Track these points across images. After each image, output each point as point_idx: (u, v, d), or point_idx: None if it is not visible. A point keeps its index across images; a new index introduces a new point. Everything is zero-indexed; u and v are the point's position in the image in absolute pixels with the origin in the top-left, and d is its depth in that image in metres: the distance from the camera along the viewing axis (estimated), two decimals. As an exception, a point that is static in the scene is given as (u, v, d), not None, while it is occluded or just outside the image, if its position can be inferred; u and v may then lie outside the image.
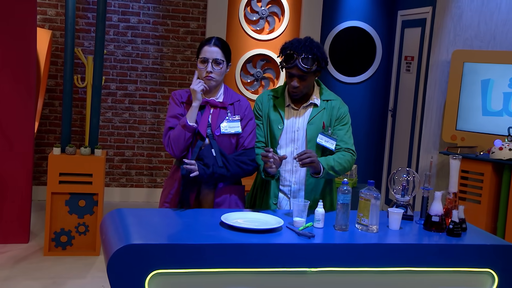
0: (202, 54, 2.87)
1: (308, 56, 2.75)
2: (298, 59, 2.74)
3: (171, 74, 6.03)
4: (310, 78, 2.81)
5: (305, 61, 2.74)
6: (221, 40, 2.93)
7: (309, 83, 2.82)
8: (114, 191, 6.03)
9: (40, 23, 5.67)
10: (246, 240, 2.26)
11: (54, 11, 5.74)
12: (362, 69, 6.45)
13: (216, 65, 2.86)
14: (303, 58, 2.74)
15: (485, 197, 4.73)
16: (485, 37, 5.26)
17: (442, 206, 2.58)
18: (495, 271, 2.46)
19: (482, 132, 5.06)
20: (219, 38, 2.94)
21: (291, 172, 2.89)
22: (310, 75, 2.79)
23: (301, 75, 2.77)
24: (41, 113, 5.58)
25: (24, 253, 4.42)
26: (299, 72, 2.76)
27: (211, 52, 2.85)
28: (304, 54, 2.74)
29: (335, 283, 2.34)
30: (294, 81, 2.79)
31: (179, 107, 2.90)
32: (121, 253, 2.10)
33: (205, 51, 2.86)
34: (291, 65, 2.76)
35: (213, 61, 2.85)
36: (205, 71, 2.85)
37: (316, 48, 2.78)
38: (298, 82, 2.78)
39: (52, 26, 5.73)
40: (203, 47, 2.88)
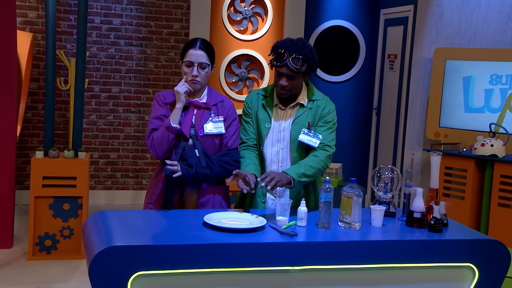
0: (187, 57, 2.86)
1: (299, 57, 2.75)
2: (289, 59, 2.74)
3: (155, 75, 6.02)
4: (299, 79, 2.81)
5: (295, 61, 2.75)
6: (205, 43, 2.92)
7: (298, 83, 2.82)
8: (100, 194, 6.00)
9: (21, 25, 5.63)
10: (229, 240, 2.27)
11: (35, 14, 5.70)
12: (346, 68, 6.48)
13: (202, 69, 2.87)
14: (293, 58, 2.74)
15: (469, 193, 4.78)
16: (466, 35, 5.31)
17: (423, 202, 2.60)
18: (475, 266, 2.49)
19: (464, 128, 5.10)
20: (203, 41, 2.93)
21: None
22: (299, 75, 2.79)
23: (290, 75, 2.77)
24: (23, 117, 5.54)
25: (8, 258, 4.38)
26: (289, 71, 2.76)
27: (197, 56, 2.85)
28: (295, 54, 2.75)
29: (318, 281, 2.35)
30: (283, 80, 2.78)
31: (162, 108, 2.90)
32: (103, 255, 2.09)
33: (190, 55, 2.86)
34: (281, 63, 2.76)
35: (199, 64, 2.85)
36: (191, 75, 2.85)
37: (307, 49, 2.79)
38: (287, 81, 2.78)
39: (33, 28, 5.70)
40: (188, 50, 2.88)
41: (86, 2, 4.48)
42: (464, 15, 5.31)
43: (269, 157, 2.89)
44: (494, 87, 4.99)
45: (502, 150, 4.65)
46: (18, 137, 4.90)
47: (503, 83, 4.95)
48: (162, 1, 5.95)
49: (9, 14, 4.44)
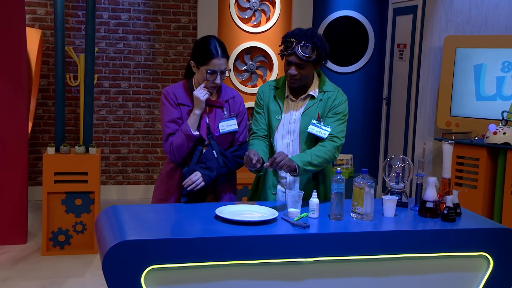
0: (211, 66, 2.78)
1: (307, 45, 2.72)
2: (297, 47, 2.72)
3: (164, 70, 6.02)
4: (309, 68, 2.77)
5: (303, 49, 2.72)
6: (224, 49, 2.84)
7: (308, 73, 2.79)
8: (111, 189, 6.03)
9: (30, 22, 5.64)
10: (241, 232, 2.26)
11: (44, 10, 5.71)
12: (355, 58, 6.44)
13: (223, 75, 2.85)
14: (302, 46, 2.72)
15: (481, 181, 4.75)
16: (477, 22, 5.26)
17: (436, 192, 2.59)
18: (490, 255, 2.47)
19: (476, 117, 5.07)
20: (222, 46, 2.84)
21: None
22: (309, 65, 2.76)
23: (299, 63, 2.74)
24: (34, 113, 5.57)
25: (22, 254, 4.42)
26: (297, 59, 2.73)
27: (220, 65, 2.80)
28: (304, 42, 2.72)
29: (331, 272, 2.35)
30: (292, 68, 2.76)
31: (175, 110, 2.87)
32: (116, 250, 2.10)
33: (215, 65, 2.78)
34: (289, 52, 2.75)
35: (221, 72, 2.82)
36: (214, 82, 2.82)
37: (317, 38, 2.75)
38: (296, 70, 2.75)
39: (42, 25, 5.71)
40: (211, 60, 2.78)
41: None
42: (475, 2, 5.25)
43: (279, 149, 2.88)
44: (506, 74, 4.95)
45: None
46: (29, 134, 4.93)
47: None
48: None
49: (18, 11, 4.45)
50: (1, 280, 3.93)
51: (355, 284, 2.38)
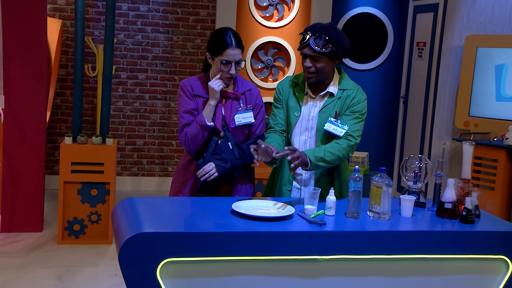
0: (225, 56, 2.79)
1: (322, 36, 2.69)
2: (311, 39, 2.70)
3: (181, 62, 6.02)
4: (324, 61, 2.73)
5: (317, 41, 2.69)
6: (239, 40, 2.84)
7: (323, 67, 2.74)
8: (126, 180, 6.05)
9: (50, 12, 5.67)
10: (257, 228, 2.25)
11: (64, 0, 5.74)
12: (373, 55, 6.40)
13: (238, 66, 2.84)
14: (316, 38, 2.70)
15: (499, 183, 4.70)
16: (500, 21, 5.19)
17: (454, 193, 2.55)
18: (509, 258, 2.44)
19: (496, 118, 5.01)
20: (236, 37, 2.84)
21: None
22: (323, 57, 2.72)
23: (313, 56, 2.71)
24: (52, 103, 5.61)
25: (38, 242, 4.46)
26: (311, 51, 2.71)
27: (234, 55, 2.80)
28: (318, 34, 2.70)
29: (346, 271, 2.33)
30: (306, 61, 2.74)
31: (191, 101, 2.87)
32: (133, 242, 2.10)
33: (229, 55, 2.79)
34: (304, 44, 2.73)
35: (236, 63, 2.82)
36: (228, 73, 2.81)
37: (333, 31, 2.71)
38: (311, 62, 2.72)
39: (62, 15, 5.74)
40: (226, 49, 2.78)
41: (114, -11, 4.48)
42: (499, 1, 5.18)
43: (296, 145, 2.85)
44: (527, 75, 4.88)
45: (534, 140, 4.55)
46: (47, 123, 4.96)
47: (537, 71, 4.84)
48: (189, -13, 5.94)
49: (39, 1, 4.47)
50: (18, 267, 3.96)
51: (370, 283, 2.36)
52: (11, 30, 4.43)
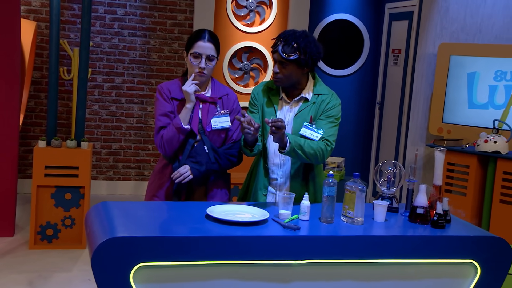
0: (195, 49, 2.82)
1: (291, 43, 2.73)
2: (281, 45, 2.75)
3: (158, 66, 6.01)
4: (292, 68, 2.76)
5: (285, 48, 2.74)
6: (213, 35, 2.89)
7: (291, 74, 2.77)
8: (101, 184, 6.00)
9: (24, 14, 5.61)
10: (232, 232, 2.26)
11: (39, 2, 5.68)
12: (349, 62, 6.46)
13: (209, 62, 2.84)
14: (285, 45, 2.74)
15: (471, 189, 4.77)
16: (471, 30, 5.28)
17: (426, 198, 2.59)
18: (478, 262, 2.48)
19: (468, 124, 5.08)
20: (211, 33, 2.90)
21: (278, 166, 2.89)
22: (291, 64, 2.75)
23: (281, 61, 2.76)
24: (26, 106, 5.53)
25: (9, 247, 4.39)
26: (279, 57, 2.76)
27: (205, 48, 2.82)
28: (288, 41, 2.74)
29: (320, 275, 2.35)
30: (275, 66, 2.80)
31: (168, 104, 2.87)
32: (106, 246, 2.08)
33: (199, 46, 2.82)
34: (274, 49, 2.79)
35: (206, 57, 2.83)
36: (198, 67, 2.82)
37: (303, 39, 2.74)
38: (279, 68, 2.77)
39: (37, 17, 5.68)
40: (197, 41, 2.83)
41: (91, -8, 4.46)
42: (470, 10, 5.27)
43: (272, 150, 2.87)
44: (499, 83, 4.97)
45: (505, 146, 4.63)
46: (20, 126, 4.89)
47: (508, 79, 4.93)
48: (166, -9, 5.93)
49: (13, 2, 4.42)
50: (-12, 273, 3.91)
51: (344, 287, 2.38)
52: (-16, 31, 4.38)
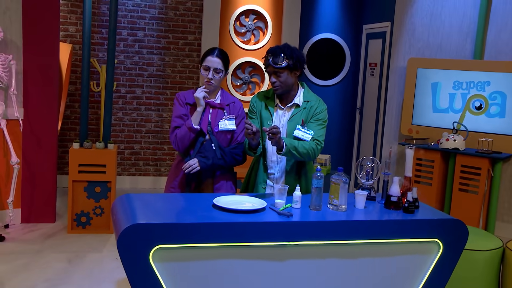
0: (206, 62, 2.83)
1: (279, 54, 2.73)
2: (271, 58, 2.75)
3: (172, 79, 5.98)
4: (285, 75, 2.75)
5: (275, 59, 2.73)
6: (222, 52, 2.88)
7: (286, 79, 2.76)
8: (125, 179, 5.98)
9: (62, 38, 5.59)
10: (235, 219, 2.24)
11: (74, 28, 5.66)
12: (333, 73, 6.44)
13: (216, 73, 2.84)
14: (274, 57, 2.74)
15: (435, 180, 4.76)
16: (434, 47, 5.28)
17: (399, 188, 2.57)
18: (440, 241, 2.47)
19: (432, 126, 5.08)
20: (221, 50, 2.88)
21: (276, 163, 2.88)
22: (284, 71, 2.74)
23: (275, 71, 2.74)
24: (63, 114, 5.52)
25: (52, 231, 4.38)
26: (273, 68, 2.75)
27: (213, 62, 2.82)
28: (275, 53, 2.74)
29: (311, 254, 2.33)
30: (271, 77, 2.78)
31: (183, 108, 2.87)
32: (129, 231, 2.07)
33: (208, 60, 2.83)
34: (266, 64, 2.77)
35: (214, 70, 2.83)
36: (206, 77, 2.83)
37: (287, 48, 2.75)
38: (275, 77, 2.76)
39: (72, 40, 5.66)
40: (207, 56, 2.84)
41: (116, 18, 4.44)
42: (432, 31, 5.27)
43: (270, 150, 2.86)
44: (456, 91, 4.96)
45: (463, 144, 4.63)
46: (59, 131, 4.88)
47: (464, 88, 4.92)
48: (178, 16, 5.90)
49: (53, 29, 4.43)
50: (35, 252, 3.91)
51: (330, 264, 2.37)
52: (30, 53, 4.38)
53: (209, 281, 2.21)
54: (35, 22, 4.36)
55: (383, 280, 2.45)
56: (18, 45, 4.34)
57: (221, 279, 2.23)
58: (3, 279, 3.45)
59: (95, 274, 3.61)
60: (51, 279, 3.48)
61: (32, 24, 4.36)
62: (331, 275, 2.37)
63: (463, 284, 3.13)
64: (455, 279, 3.06)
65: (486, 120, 4.76)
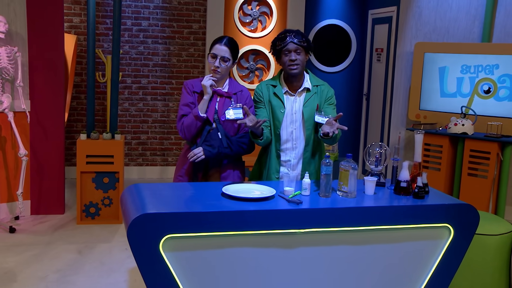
0: (213, 50, 2.80)
1: (298, 34, 2.76)
2: (291, 36, 2.74)
3: (177, 68, 5.95)
4: (303, 54, 2.77)
5: (297, 37, 2.74)
6: (231, 41, 2.84)
7: (303, 59, 2.77)
8: (133, 169, 5.99)
9: (67, 29, 5.57)
10: (244, 207, 2.23)
11: (78, 19, 5.63)
12: (340, 60, 6.38)
13: (223, 62, 2.80)
14: (294, 35, 2.74)
15: (444, 165, 4.72)
16: (441, 32, 5.21)
17: (408, 173, 2.55)
18: (451, 226, 2.45)
19: (440, 111, 5.03)
20: (230, 39, 2.84)
21: (291, 149, 2.86)
22: (302, 51, 2.76)
23: (296, 48, 2.74)
24: (69, 105, 5.52)
25: (61, 222, 4.40)
26: (294, 45, 2.73)
27: (220, 50, 2.78)
28: (295, 33, 2.76)
29: (320, 241, 2.32)
30: (291, 54, 2.74)
31: (190, 96, 2.84)
32: (138, 221, 2.06)
33: (216, 48, 2.79)
34: (286, 42, 2.74)
35: (221, 58, 2.79)
36: (213, 65, 2.79)
37: (302, 32, 2.80)
38: (295, 55, 2.75)
39: (77, 31, 5.63)
40: (216, 44, 2.81)
41: (120, 8, 4.41)
42: (439, 15, 5.20)
43: (284, 137, 2.85)
44: (464, 75, 4.89)
45: (471, 128, 4.58)
46: (65, 122, 4.88)
47: (472, 72, 4.85)
48: (183, 5, 5.85)
49: (58, 20, 4.40)
50: (46, 243, 3.92)
51: (340, 251, 2.36)
52: (35, 45, 4.36)
53: (219, 269, 2.21)
54: (39, 13, 4.34)
55: (393, 266, 2.44)
56: (23, 37, 4.32)
57: (231, 267, 2.22)
58: (15, 270, 3.47)
59: (106, 264, 3.63)
60: (62, 270, 3.50)
61: (37, 16, 4.34)
62: (341, 262, 2.36)
63: (474, 269, 3.11)
64: (466, 264, 3.04)
65: (495, 104, 4.71)
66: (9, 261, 3.60)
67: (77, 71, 5.68)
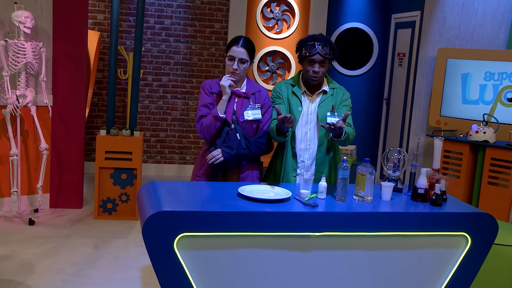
0: (230, 52, 2.78)
1: (327, 45, 2.73)
2: (320, 47, 2.71)
3: (198, 67, 5.99)
4: (327, 65, 2.77)
5: (325, 48, 2.72)
6: (248, 41, 2.82)
7: (326, 69, 2.78)
8: (151, 166, 6.04)
9: (91, 26, 5.64)
10: (259, 208, 2.23)
11: (102, 16, 5.71)
12: (361, 63, 6.34)
13: (241, 64, 2.79)
14: (323, 46, 2.71)
15: (463, 173, 4.66)
16: (465, 37, 5.13)
17: (426, 180, 2.52)
18: (469, 235, 2.41)
19: (461, 118, 4.95)
20: (246, 39, 2.82)
21: (305, 150, 2.85)
22: (327, 62, 2.75)
23: (322, 61, 2.72)
24: (91, 101, 5.59)
25: (79, 217, 4.46)
26: (320, 57, 2.71)
27: (238, 52, 2.77)
28: (324, 43, 2.72)
29: (335, 245, 2.31)
30: (315, 66, 2.73)
31: (208, 97, 2.84)
32: (154, 219, 2.08)
33: (233, 50, 2.77)
34: (313, 52, 2.71)
35: (239, 60, 2.78)
36: (231, 67, 2.79)
37: (329, 41, 2.77)
38: (319, 67, 2.73)
39: (100, 28, 5.71)
40: (232, 46, 2.79)
41: (143, 6, 4.45)
42: (464, 20, 5.12)
43: (299, 137, 2.84)
44: (488, 82, 4.82)
45: (493, 136, 4.51)
46: (86, 118, 4.95)
47: (495, 79, 4.77)
48: (205, 4, 5.89)
49: (82, 17, 4.47)
50: (63, 237, 3.98)
51: (355, 256, 2.34)
52: (59, 41, 4.43)
53: (233, 269, 2.22)
54: (65, 10, 4.41)
55: (408, 273, 2.41)
56: (48, 33, 4.40)
57: (245, 268, 2.23)
58: (33, 262, 3.53)
59: (121, 260, 3.66)
60: (78, 263, 3.55)
61: (62, 12, 4.41)
62: (355, 267, 2.34)
63: (491, 279, 3.06)
64: (483, 274, 2.99)
65: (518, 113, 4.62)
66: (28, 252, 3.67)
67: (99, 67, 5.75)
